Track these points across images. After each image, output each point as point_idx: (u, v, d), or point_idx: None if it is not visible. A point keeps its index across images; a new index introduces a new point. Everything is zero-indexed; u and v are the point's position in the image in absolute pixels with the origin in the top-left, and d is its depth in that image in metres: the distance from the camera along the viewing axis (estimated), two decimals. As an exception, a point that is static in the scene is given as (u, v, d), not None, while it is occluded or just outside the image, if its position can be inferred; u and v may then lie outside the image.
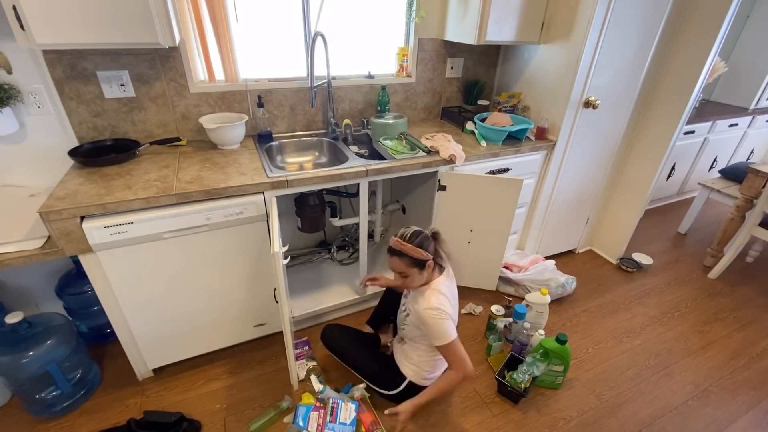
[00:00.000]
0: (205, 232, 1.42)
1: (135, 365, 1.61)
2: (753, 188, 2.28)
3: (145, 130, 1.71)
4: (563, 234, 2.50)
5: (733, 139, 3.28)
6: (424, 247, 1.35)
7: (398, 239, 1.37)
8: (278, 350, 1.80)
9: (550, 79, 1.99)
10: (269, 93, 1.86)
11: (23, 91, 1.46)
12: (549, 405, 1.63)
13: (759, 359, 1.89)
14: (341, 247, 2.36)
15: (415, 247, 1.34)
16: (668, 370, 1.81)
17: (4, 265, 1.20)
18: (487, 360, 1.83)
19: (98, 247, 1.27)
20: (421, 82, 2.19)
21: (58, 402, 1.48)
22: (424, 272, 1.37)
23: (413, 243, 1.34)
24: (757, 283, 2.44)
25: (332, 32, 1.82)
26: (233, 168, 1.52)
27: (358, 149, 1.94)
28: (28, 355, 1.36)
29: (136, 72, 1.59)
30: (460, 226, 1.97)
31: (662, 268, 2.56)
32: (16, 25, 1.16)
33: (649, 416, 1.60)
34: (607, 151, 2.24)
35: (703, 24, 1.87)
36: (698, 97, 2.12)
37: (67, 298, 1.67)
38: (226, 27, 1.67)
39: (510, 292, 2.22)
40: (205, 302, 1.58)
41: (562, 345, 1.57)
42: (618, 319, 2.11)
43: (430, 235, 1.40)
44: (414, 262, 1.35)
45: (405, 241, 1.36)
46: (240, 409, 1.55)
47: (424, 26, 2.03)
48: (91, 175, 1.41)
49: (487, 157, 1.87)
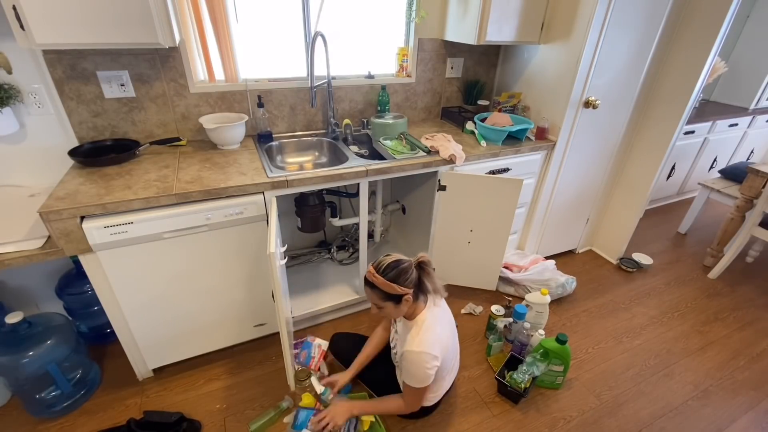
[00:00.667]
0: (205, 232, 1.42)
1: (135, 365, 1.61)
2: (753, 188, 2.28)
3: (145, 130, 1.71)
4: (563, 234, 2.50)
5: (733, 139, 3.28)
6: (399, 281, 1.23)
7: (372, 270, 1.27)
8: (278, 350, 1.79)
9: (550, 79, 1.99)
10: (269, 93, 1.86)
11: (23, 91, 1.46)
12: (549, 405, 1.63)
13: (759, 359, 1.89)
14: (341, 247, 2.36)
15: (387, 282, 1.23)
16: (668, 370, 1.81)
17: (4, 265, 1.21)
18: (487, 360, 1.83)
19: (98, 247, 1.27)
20: (421, 82, 2.19)
21: (58, 402, 1.48)
22: (402, 306, 1.28)
23: (386, 277, 1.23)
24: (757, 283, 2.44)
25: (332, 32, 1.82)
26: (233, 168, 1.52)
27: (358, 149, 1.94)
28: (28, 355, 1.36)
29: (136, 72, 1.59)
30: (460, 226, 1.97)
31: (662, 268, 2.56)
32: (16, 25, 1.16)
33: (649, 416, 1.60)
34: (607, 151, 2.24)
35: (703, 24, 1.87)
36: (698, 97, 2.12)
37: (67, 298, 1.67)
38: (226, 27, 1.67)
39: (510, 292, 2.22)
40: (205, 302, 1.58)
41: (562, 345, 1.57)
42: (618, 319, 2.11)
43: (415, 265, 1.29)
44: (387, 296, 1.25)
45: (378, 273, 1.25)
46: (240, 409, 1.55)
47: (424, 26, 2.03)
48: (91, 175, 1.41)
49: (487, 157, 1.87)
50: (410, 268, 1.27)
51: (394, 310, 1.29)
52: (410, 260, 1.30)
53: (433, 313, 1.33)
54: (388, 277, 1.24)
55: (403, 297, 1.25)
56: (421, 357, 1.24)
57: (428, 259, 1.31)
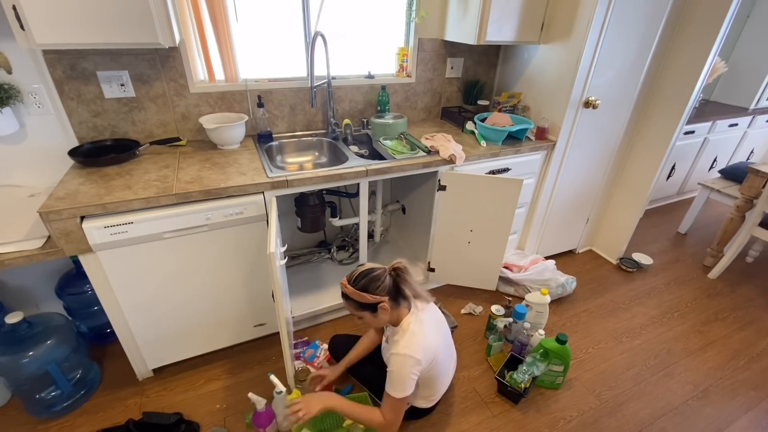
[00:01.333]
0: (205, 232, 1.42)
1: (135, 365, 1.61)
2: (753, 188, 2.28)
3: (145, 130, 1.71)
4: (563, 234, 2.50)
5: (733, 139, 3.28)
6: (370, 290, 1.23)
7: (345, 281, 1.27)
8: (278, 350, 1.79)
9: (550, 79, 1.99)
10: (269, 93, 1.86)
11: (23, 91, 1.46)
12: (549, 405, 1.63)
13: (759, 359, 1.89)
14: (341, 247, 2.36)
15: (357, 291, 1.24)
16: (668, 370, 1.81)
17: (4, 265, 1.21)
18: (487, 360, 1.83)
19: (98, 247, 1.27)
20: (421, 82, 2.19)
21: (58, 402, 1.48)
22: (380, 314, 1.27)
23: (356, 286, 1.24)
24: (757, 283, 2.44)
25: (332, 32, 1.82)
26: (233, 168, 1.52)
27: (358, 149, 1.94)
28: (28, 355, 1.36)
29: (136, 72, 1.59)
30: (460, 226, 1.97)
31: (662, 268, 2.56)
32: (16, 25, 1.16)
33: (649, 416, 1.60)
34: (607, 151, 2.24)
35: (703, 24, 1.87)
36: (698, 97, 2.12)
37: (67, 298, 1.67)
38: (226, 27, 1.67)
39: (510, 292, 2.22)
40: (205, 302, 1.58)
41: (562, 345, 1.57)
42: (618, 319, 2.11)
43: (388, 272, 1.28)
44: (360, 305, 1.26)
45: (349, 283, 1.26)
46: (240, 409, 1.55)
47: (424, 26, 2.03)
48: (91, 175, 1.41)
49: (487, 157, 1.87)
50: (382, 275, 1.27)
51: (373, 319, 1.29)
52: (384, 267, 1.30)
53: (417, 317, 1.32)
54: (359, 286, 1.24)
55: (378, 305, 1.25)
56: (405, 360, 1.23)
57: (403, 266, 1.30)
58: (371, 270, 1.28)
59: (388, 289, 1.27)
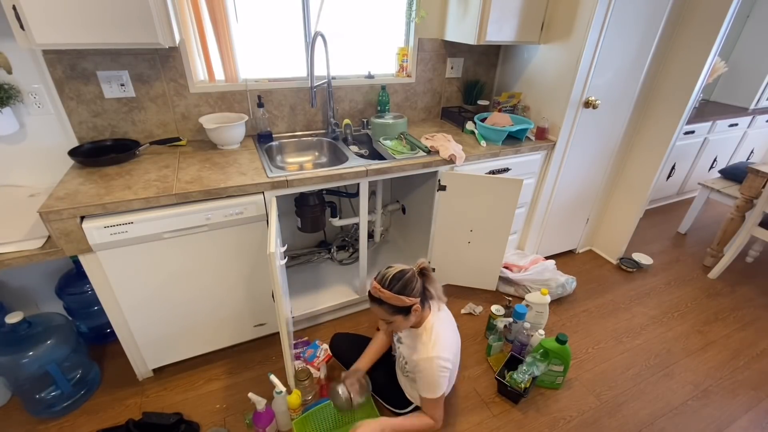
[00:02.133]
0: (205, 232, 1.42)
1: (135, 365, 1.61)
2: (753, 188, 2.28)
3: (145, 130, 1.71)
4: (563, 234, 2.50)
5: (733, 139, 3.28)
6: (406, 292, 1.21)
7: (377, 285, 1.23)
8: (278, 350, 1.79)
9: (550, 79, 1.99)
10: (269, 93, 1.86)
11: (23, 91, 1.46)
12: (549, 405, 1.63)
13: (759, 359, 1.89)
14: (341, 247, 2.36)
15: (395, 295, 1.20)
16: (668, 370, 1.81)
17: (4, 265, 1.20)
18: (487, 360, 1.83)
19: (98, 247, 1.27)
20: (421, 82, 2.19)
21: (58, 402, 1.48)
22: (411, 317, 1.25)
23: (393, 290, 1.20)
24: (757, 283, 2.44)
25: (332, 32, 1.82)
26: (233, 168, 1.52)
27: (358, 149, 1.94)
28: (28, 355, 1.36)
29: (136, 72, 1.59)
30: (460, 226, 1.97)
31: (662, 268, 2.56)
32: (16, 25, 1.16)
33: (649, 416, 1.60)
34: (607, 151, 2.24)
35: (703, 24, 1.87)
36: (698, 97, 2.12)
37: (67, 298, 1.67)
38: (226, 27, 1.67)
39: (510, 292, 2.22)
40: (205, 302, 1.58)
41: (562, 345, 1.57)
42: (618, 319, 2.11)
43: (417, 272, 1.26)
44: (396, 309, 1.22)
45: (384, 287, 1.21)
46: (240, 409, 1.55)
47: (424, 26, 2.03)
48: (91, 175, 1.41)
49: (487, 157, 1.87)
50: (414, 277, 1.25)
51: (404, 322, 1.27)
52: (412, 268, 1.27)
53: (439, 317, 1.33)
54: (395, 289, 1.21)
55: (411, 308, 1.23)
56: (435, 363, 1.25)
57: (428, 265, 1.30)
58: (403, 272, 1.24)
59: (419, 290, 1.25)
